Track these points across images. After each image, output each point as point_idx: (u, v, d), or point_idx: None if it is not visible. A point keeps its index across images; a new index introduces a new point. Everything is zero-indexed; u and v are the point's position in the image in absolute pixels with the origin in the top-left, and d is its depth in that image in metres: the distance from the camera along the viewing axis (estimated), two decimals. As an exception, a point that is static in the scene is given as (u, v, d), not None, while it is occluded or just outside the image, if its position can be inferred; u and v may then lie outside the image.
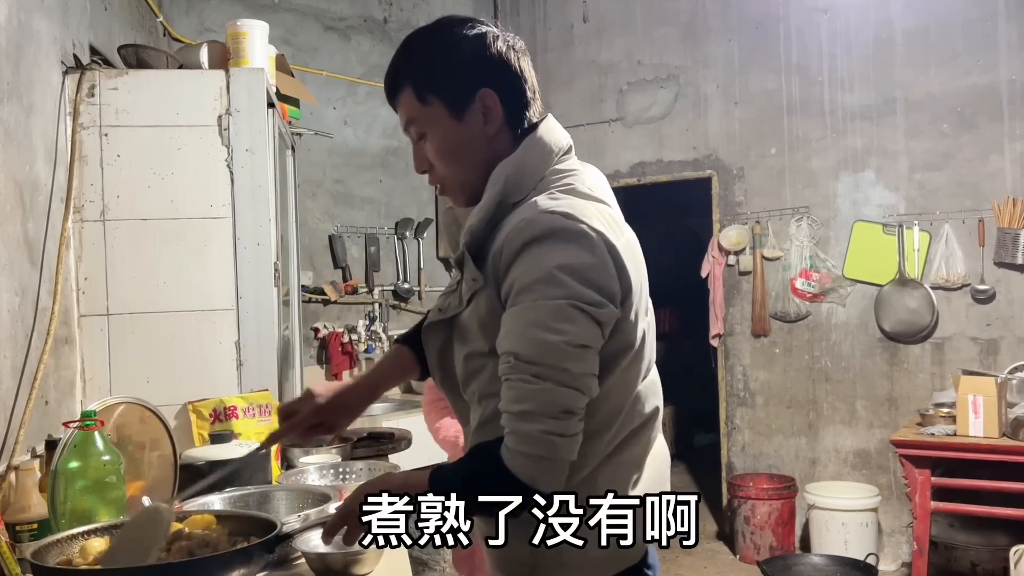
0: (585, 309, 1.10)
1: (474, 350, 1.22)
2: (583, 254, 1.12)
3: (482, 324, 1.19)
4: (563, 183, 1.24)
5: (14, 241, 1.99)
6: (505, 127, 1.26)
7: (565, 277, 1.10)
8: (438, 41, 1.26)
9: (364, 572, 1.55)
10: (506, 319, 1.15)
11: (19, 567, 1.42)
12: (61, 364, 2.26)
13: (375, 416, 3.91)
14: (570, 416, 1.11)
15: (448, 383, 1.32)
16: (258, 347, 2.50)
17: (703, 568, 4.46)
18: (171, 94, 2.48)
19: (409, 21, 4.98)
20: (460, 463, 1.21)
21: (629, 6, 5.07)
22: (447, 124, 1.25)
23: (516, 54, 1.27)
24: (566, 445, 1.11)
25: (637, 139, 5.04)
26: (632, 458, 1.26)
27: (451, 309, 1.26)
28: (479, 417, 1.24)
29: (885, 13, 4.38)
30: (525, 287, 1.12)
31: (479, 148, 1.26)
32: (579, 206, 1.17)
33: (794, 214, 4.63)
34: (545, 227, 1.13)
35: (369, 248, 4.75)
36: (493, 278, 1.18)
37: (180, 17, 4.00)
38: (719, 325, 4.84)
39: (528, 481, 1.09)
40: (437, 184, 1.33)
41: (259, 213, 2.51)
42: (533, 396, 1.09)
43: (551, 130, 1.28)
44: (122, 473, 1.67)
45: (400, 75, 1.27)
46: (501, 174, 1.22)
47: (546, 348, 1.09)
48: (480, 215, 1.21)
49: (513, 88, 1.26)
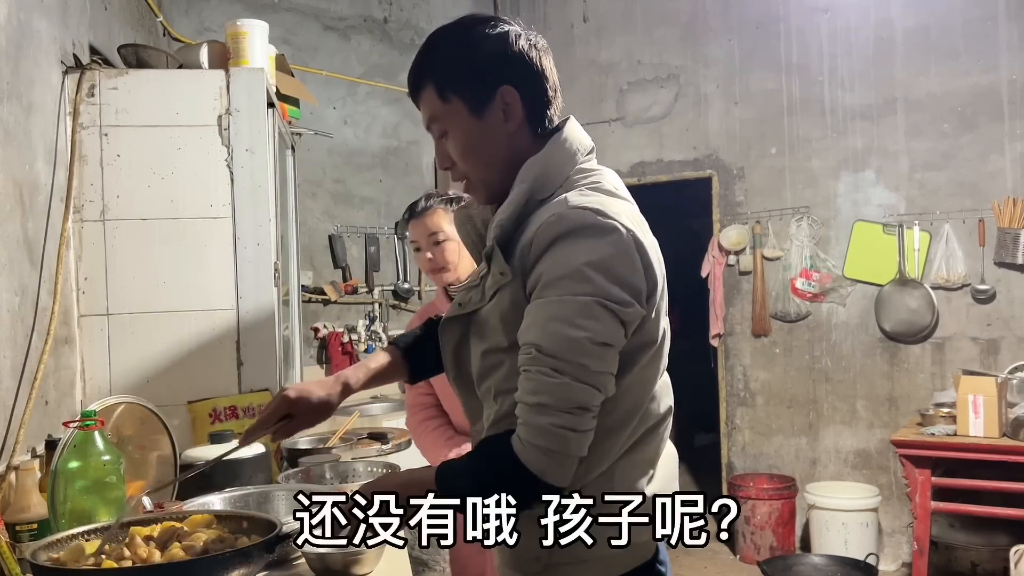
0: (611, 307, 1.11)
1: (493, 346, 1.23)
2: (612, 251, 1.13)
3: (504, 319, 1.20)
4: (590, 181, 1.25)
5: (14, 241, 1.99)
6: (525, 125, 1.27)
7: (593, 274, 1.11)
8: (459, 39, 1.27)
9: (364, 572, 1.55)
10: (530, 310, 1.15)
11: (19, 567, 1.42)
12: (61, 364, 2.26)
13: (375, 416, 3.91)
14: (584, 412, 1.12)
15: (461, 379, 1.33)
16: (258, 347, 2.50)
17: (703, 568, 4.46)
18: (171, 94, 2.47)
19: (409, 21, 4.98)
20: (469, 457, 1.22)
21: (629, 6, 5.07)
22: (468, 122, 1.26)
23: (538, 52, 1.27)
24: (577, 440, 1.11)
25: (637, 139, 5.04)
26: (648, 456, 1.27)
27: (472, 304, 1.27)
28: (495, 413, 1.24)
29: (885, 13, 4.38)
30: (552, 281, 1.13)
31: (499, 145, 1.26)
32: (609, 203, 1.18)
33: (794, 214, 4.63)
34: (576, 222, 1.14)
35: (369, 248, 4.75)
36: (520, 272, 1.18)
37: (180, 17, 4.00)
38: (719, 325, 4.83)
39: (538, 473, 1.10)
40: (460, 180, 1.33)
41: (259, 213, 2.51)
42: (550, 389, 1.10)
43: (576, 130, 1.29)
44: (122, 473, 1.67)
45: (422, 73, 1.28)
46: (530, 171, 1.23)
47: (568, 343, 1.10)
48: (509, 210, 1.22)
49: (534, 86, 1.27)
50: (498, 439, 1.16)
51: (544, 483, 1.11)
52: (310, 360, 4.40)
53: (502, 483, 1.12)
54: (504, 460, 1.12)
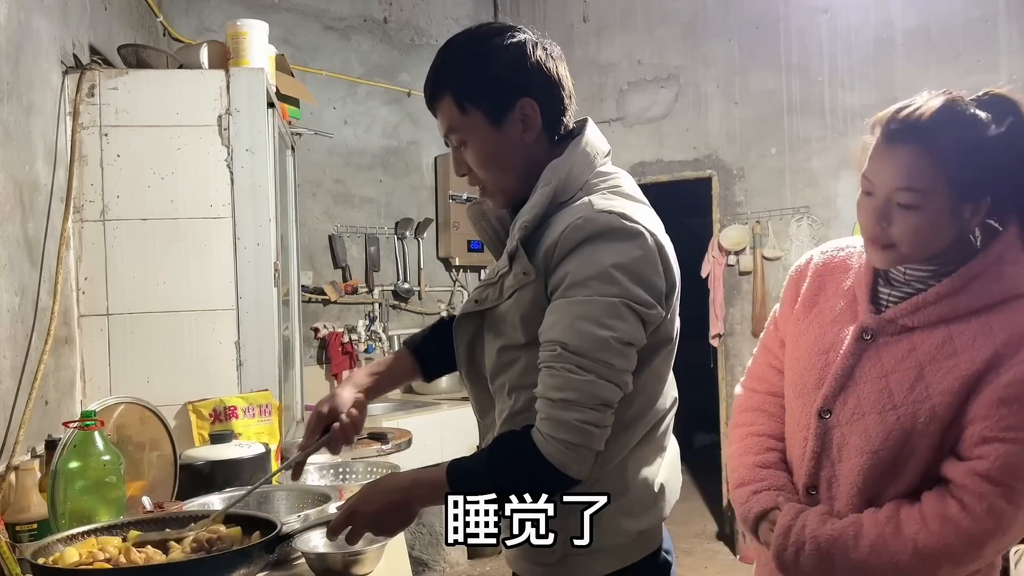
0: (635, 309, 1.16)
1: (510, 343, 1.25)
2: (638, 254, 1.18)
3: (524, 317, 1.23)
4: (610, 184, 1.28)
5: (14, 241, 1.99)
6: (542, 133, 1.29)
7: (620, 276, 1.15)
8: (478, 51, 1.28)
9: (364, 572, 1.55)
10: (554, 309, 1.18)
11: (19, 567, 1.42)
12: (61, 364, 2.26)
13: (375, 416, 3.91)
14: (607, 409, 1.16)
15: (474, 375, 1.35)
16: (258, 347, 2.50)
17: (703, 568, 4.46)
18: (171, 94, 2.47)
19: (409, 21, 4.98)
20: (484, 453, 1.25)
21: (629, 6, 5.07)
22: (487, 133, 1.27)
23: (554, 61, 1.29)
24: (600, 436, 1.15)
25: (637, 139, 5.04)
26: (657, 446, 1.32)
27: (489, 301, 1.28)
28: (509, 408, 1.26)
29: (885, 13, 4.38)
30: (579, 281, 1.16)
31: (517, 155, 1.29)
32: (631, 208, 1.23)
33: (794, 214, 4.63)
34: (603, 226, 1.18)
35: (369, 248, 4.75)
36: (543, 271, 1.21)
37: (180, 17, 4.00)
38: (719, 325, 4.83)
39: (560, 467, 1.14)
40: (478, 186, 1.35)
41: (259, 213, 2.51)
42: (576, 386, 1.14)
43: (595, 134, 1.32)
44: (122, 473, 1.67)
45: (440, 84, 1.29)
46: (553, 174, 1.26)
47: (595, 342, 1.14)
48: (533, 212, 1.24)
49: (552, 96, 1.29)
50: (516, 435, 1.18)
51: (566, 476, 1.14)
52: (310, 360, 4.40)
53: (524, 477, 1.15)
54: (526, 454, 1.15)
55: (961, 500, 1.15)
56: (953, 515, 1.15)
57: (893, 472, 1.22)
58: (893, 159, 1.18)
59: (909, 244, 1.20)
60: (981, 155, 1.15)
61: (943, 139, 1.14)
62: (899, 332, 1.23)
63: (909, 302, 1.23)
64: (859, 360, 1.25)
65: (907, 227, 1.18)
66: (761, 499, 1.34)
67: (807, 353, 1.34)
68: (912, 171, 1.16)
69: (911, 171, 1.16)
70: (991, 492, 1.13)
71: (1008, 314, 1.16)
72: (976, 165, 1.15)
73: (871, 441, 1.22)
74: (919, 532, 1.16)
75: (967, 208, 1.18)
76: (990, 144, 1.15)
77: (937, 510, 1.16)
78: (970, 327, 1.17)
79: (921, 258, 1.23)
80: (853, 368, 1.25)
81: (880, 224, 1.21)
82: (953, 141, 1.14)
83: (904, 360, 1.21)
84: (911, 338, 1.22)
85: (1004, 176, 1.17)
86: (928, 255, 1.22)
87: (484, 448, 1.26)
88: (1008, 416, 1.13)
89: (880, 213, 1.20)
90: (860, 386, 1.24)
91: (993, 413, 1.14)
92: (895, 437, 1.19)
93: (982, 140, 1.15)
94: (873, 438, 1.21)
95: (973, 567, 1.19)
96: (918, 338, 1.21)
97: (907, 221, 1.18)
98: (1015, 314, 1.16)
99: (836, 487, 1.27)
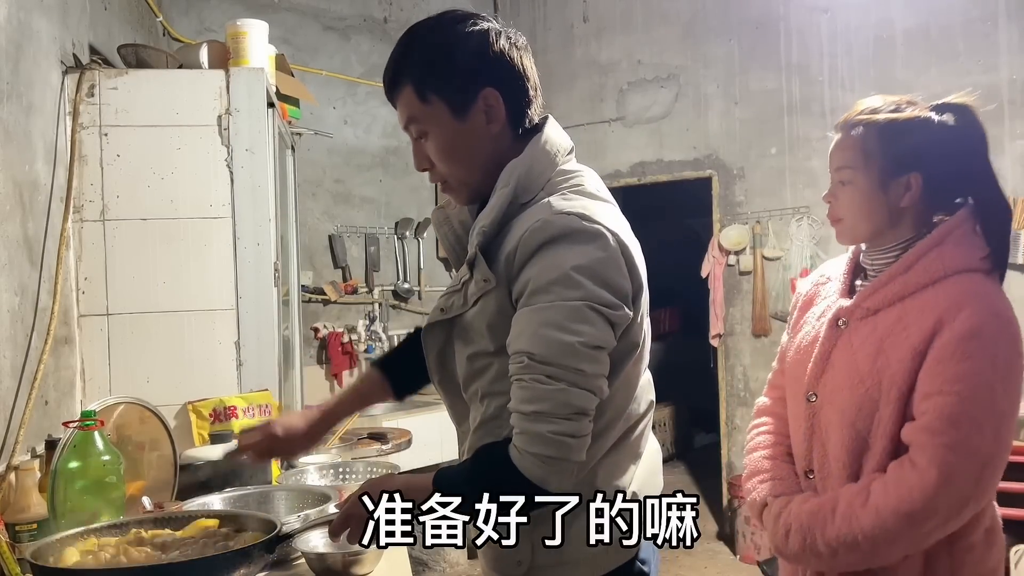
0: (601, 311, 1.11)
1: (480, 350, 1.22)
2: (599, 255, 1.12)
3: (490, 325, 1.19)
4: (572, 183, 1.23)
5: (14, 241, 1.99)
6: (507, 125, 1.25)
7: (582, 278, 1.10)
8: (440, 39, 1.23)
9: (364, 572, 1.55)
10: (519, 319, 1.14)
11: (19, 567, 1.41)
12: (61, 364, 2.26)
13: (375, 416, 3.91)
14: (582, 417, 1.11)
15: (447, 383, 1.31)
16: (258, 347, 2.50)
17: (703, 568, 4.46)
18: (171, 94, 2.47)
19: (409, 21, 4.92)
20: (465, 464, 1.20)
21: (629, 6, 5.07)
22: (449, 124, 1.23)
23: (518, 51, 1.25)
24: (577, 446, 1.11)
25: (637, 139, 5.04)
26: (630, 453, 1.27)
27: (454, 309, 1.25)
28: (480, 415, 1.23)
29: (885, 13, 4.38)
30: (541, 287, 1.11)
31: (482, 147, 1.24)
32: (592, 207, 1.17)
33: (794, 214, 4.63)
34: (562, 228, 1.13)
35: (369, 248, 4.75)
36: (505, 278, 1.17)
37: (180, 17, 4.00)
38: (719, 325, 4.83)
39: (538, 482, 1.09)
40: (438, 182, 1.31)
41: (259, 213, 2.51)
42: (547, 396, 1.09)
43: (555, 131, 1.27)
44: (122, 473, 1.67)
45: (400, 73, 1.24)
46: (512, 175, 1.21)
47: (561, 348, 1.09)
48: (492, 215, 1.20)
49: (516, 87, 1.24)
50: (495, 448, 1.14)
51: (544, 492, 1.10)
52: (310, 360, 4.40)
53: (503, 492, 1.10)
54: (503, 471, 1.10)
55: (911, 458, 1.23)
56: (904, 473, 1.22)
57: (869, 445, 1.30)
58: (836, 146, 1.41)
59: (851, 216, 1.38)
60: (902, 135, 1.33)
61: (872, 124, 1.35)
62: (865, 315, 1.35)
63: (869, 285, 1.37)
64: (835, 344, 1.38)
65: (846, 200, 1.37)
66: (765, 488, 1.44)
67: (798, 348, 1.47)
68: (845, 152, 1.38)
69: (844, 151, 1.38)
70: (931, 443, 1.21)
71: (950, 287, 1.28)
72: (898, 143, 1.32)
73: (846, 415, 1.32)
74: (880, 497, 1.23)
75: (894, 183, 1.33)
76: (912, 126, 1.33)
77: (894, 472, 1.25)
78: (917, 302, 1.29)
79: (867, 233, 1.38)
80: (830, 352, 1.38)
81: (831, 201, 1.41)
82: (879, 125, 1.34)
83: (868, 338, 1.33)
84: (875, 319, 1.34)
85: (934, 155, 1.32)
86: (873, 230, 1.37)
87: (467, 459, 1.22)
88: (944, 371, 1.22)
89: (832, 192, 1.41)
90: (836, 367, 1.36)
91: (933, 370, 1.23)
92: (866, 408, 1.30)
93: (904, 123, 1.33)
94: (847, 411, 1.32)
95: (932, 526, 1.22)
96: (880, 317, 1.33)
97: (846, 195, 1.38)
98: (955, 286, 1.27)
99: (827, 466, 1.36)
